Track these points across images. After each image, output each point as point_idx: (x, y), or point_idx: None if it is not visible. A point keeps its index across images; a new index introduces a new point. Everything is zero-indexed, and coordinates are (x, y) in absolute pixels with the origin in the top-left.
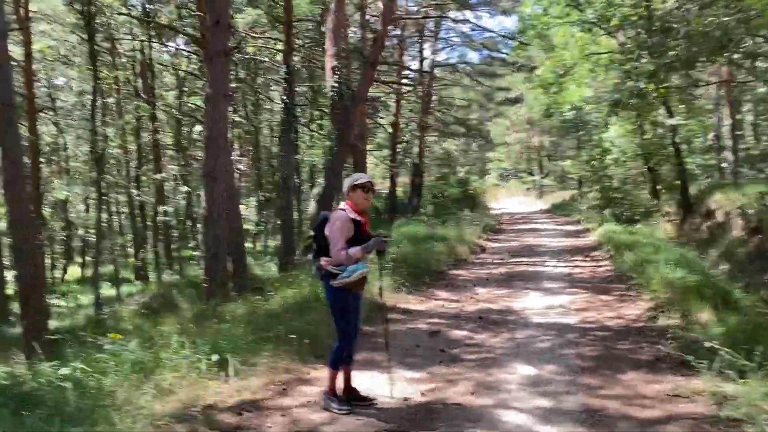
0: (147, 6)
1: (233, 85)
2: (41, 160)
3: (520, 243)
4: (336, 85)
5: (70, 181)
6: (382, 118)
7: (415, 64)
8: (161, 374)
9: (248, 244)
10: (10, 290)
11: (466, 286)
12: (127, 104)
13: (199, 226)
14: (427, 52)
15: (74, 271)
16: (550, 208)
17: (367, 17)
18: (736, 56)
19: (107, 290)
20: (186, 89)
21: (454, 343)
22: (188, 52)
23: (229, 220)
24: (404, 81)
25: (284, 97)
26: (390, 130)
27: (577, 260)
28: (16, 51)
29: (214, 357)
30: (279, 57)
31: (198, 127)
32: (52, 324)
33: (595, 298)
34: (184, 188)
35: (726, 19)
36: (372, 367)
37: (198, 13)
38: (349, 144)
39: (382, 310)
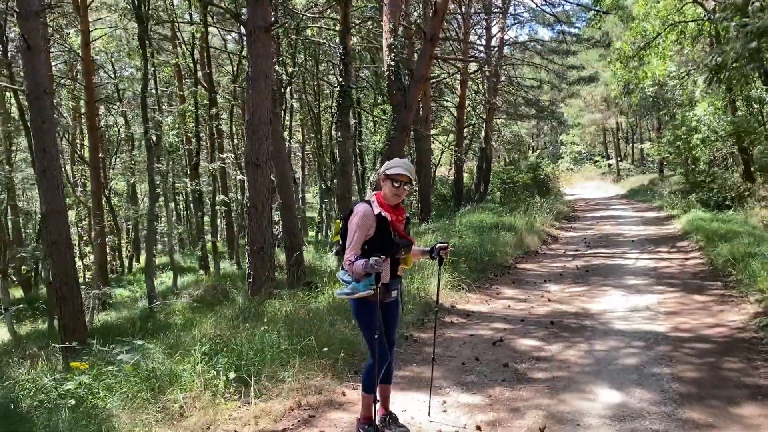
0: None
1: (293, 69)
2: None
3: (596, 232)
4: (392, 63)
5: (131, 170)
6: (447, 101)
7: (481, 43)
8: (173, 393)
9: (312, 234)
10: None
11: (535, 282)
12: (184, 92)
13: None
14: (494, 30)
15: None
16: (627, 193)
17: None
18: None
19: (170, 279)
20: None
21: (520, 355)
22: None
23: (283, 209)
24: (470, 60)
25: (340, 79)
26: (455, 113)
27: (661, 252)
28: (75, 40)
29: (231, 375)
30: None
31: None
32: (107, 317)
33: (688, 299)
34: (240, 177)
35: None
36: (419, 386)
37: None
38: (408, 127)
39: (434, 314)
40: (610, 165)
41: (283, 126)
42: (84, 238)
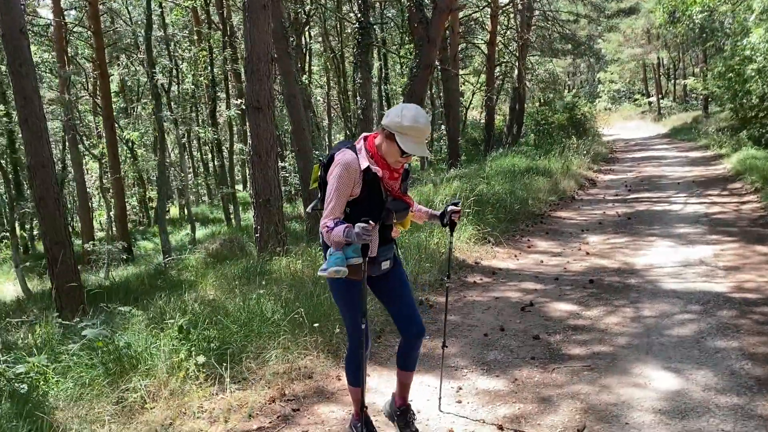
0: None
1: (310, 7)
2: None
3: (638, 174)
4: None
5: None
6: (477, 38)
7: None
8: (134, 379)
9: None
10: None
11: (572, 232)
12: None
13: (282, 164)
14: None
15: (174, 211)
16: (669, 132)
17: None
18: None
19: (198, 231)
20: None
21: (553, 324)
22: None
23: (299, 157)
24: None
25: (359, 15)
26: (486, 51)
27: (712, 195)
28: None
29: (200, 359)
30: None
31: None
32: (125, 272)
33: (750, 251)
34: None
35: None
36: (432, 366)
37: None
38: (432, 64)
39: (448, 283)
40: (650, 103)
41: (302, 69)
42: (110, 192)
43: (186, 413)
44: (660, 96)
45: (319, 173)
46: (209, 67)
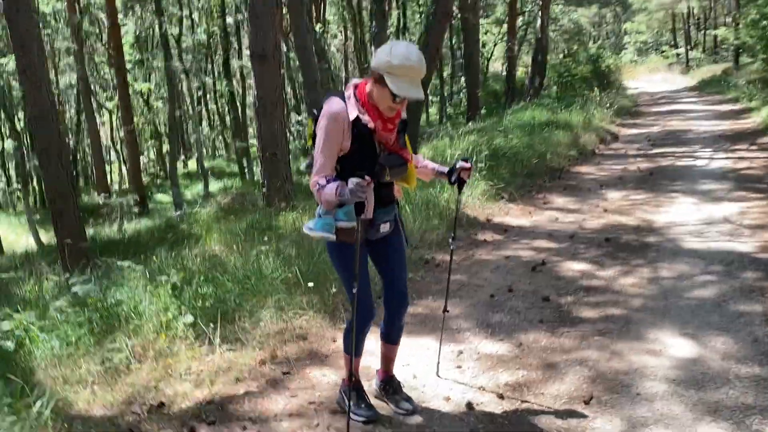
0: None
1: None
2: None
3: (662, 128)
4: None
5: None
6: None
7: None
8: (126, 337)
9: None
10: None
11: (590, 188)
12: None
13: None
14: None
15: (192, 164)
16: (697, 84)
17: None
18: None
19: (212, 185)
20: None
21: (565, 285)
22: None
23: (311, 109)
24: None
25: None
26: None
27: (740, 150)
28: None
29: (188, 319)
30: None
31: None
32: (138, 225)
33: None
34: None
35: None
36: (433, 328)
37: None
38: (449, 13)
39: (452, 239)
40: (678, 55)
41: (316, 18)
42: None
43: (172, 375)
44: (689, 47)
45: (313, 128)
46: (222, 17)
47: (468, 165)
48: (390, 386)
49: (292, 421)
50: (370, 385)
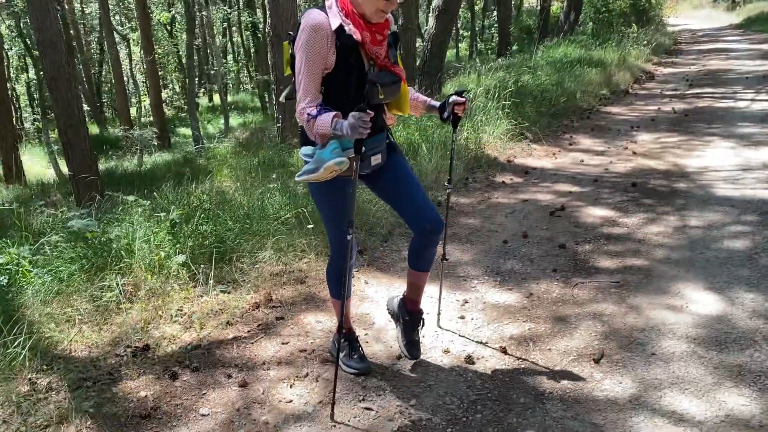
0: None
1: None
2: None
3: (701, 67)
4: None
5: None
6: None
7: None
8: (118, 274)
9: None
10: None
11: (620, 129)
12: None
13: None
14: None
15: (217, 98)
16: (742, 22)
17: None
18: None
19: (234, 120)
20: None
21: (584, 231)
22: None
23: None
24: None
25: None
26: None
27: None
28: None
29: (180, 258)
30: None
31: None
32: (158, 159)
33: None
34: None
35: None
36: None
37: None
38: None
39: (448, 183)
40: None
41: None
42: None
43: (162, 316)
44: None
45: (290, 51)
46: None
47: (462, 99)
48: (413, 321)
49: (281, 369)
50: (368, 334)
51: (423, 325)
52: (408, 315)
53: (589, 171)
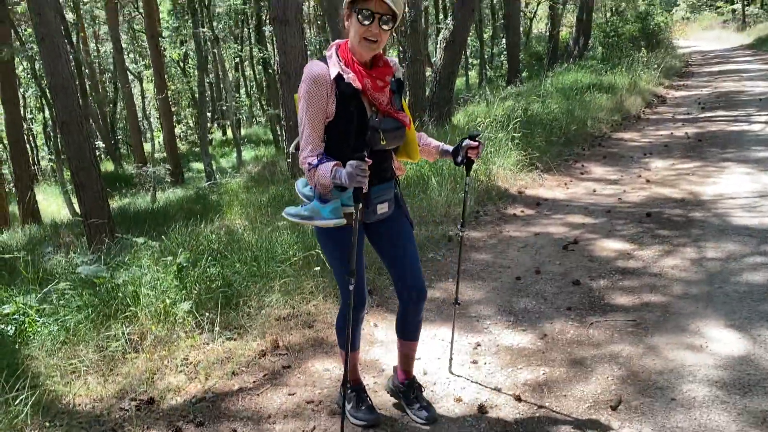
0: None
1: None
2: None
3: (714, 90)
4: None
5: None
6: None
7: None
8: (125, 322)
9: None
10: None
11: (632, 156)
12: None
13: None
14: None
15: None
16: (754, 42)
17: None
18: None
19: (248, 153)
20: None
21: (599, 266)
22: None
23: None
24: None
25: None
26: None
27: None
28: None
29: (185, 306)
30: None
31: None
32: (172, 195)
33: None
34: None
35: None
36: (450, 316)
37: None
38: None
39: (461, 227)
40: (734, 11)
41: None
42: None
43: (168, 366)
44: (745, 2)
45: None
46: None
47: (476, 143)
48: (410, 391)
49: (287, 422)
50: (377, 381)
51: (420, 389)
52: (402, 386)
53: (602, 201)
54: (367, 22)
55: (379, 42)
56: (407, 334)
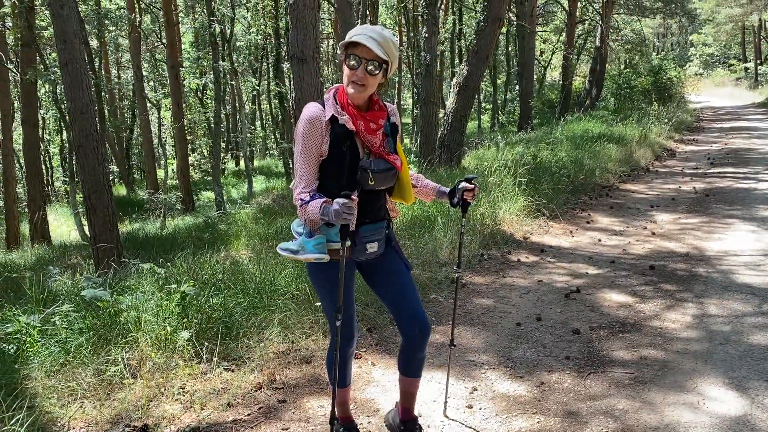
0: None
1: None
2: None
3: (723, 146)
4: None
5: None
6: None
7: None
8: (124, 348)
9: (407, 142)
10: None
11: (639, 208)
12: None
13: None
14: None
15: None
16: (765, 101)
17: None
18: None
19: (259, 184)
20: None
21: (599, 317)
22: None
23: None
24: None
25: None
26: (567, 7)
27: None
28: None
29: (185, 334)
30: None
31: None
32: (181, 222)
33: None
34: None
35: None
36: (459, 361)
37: None
38: (501, 18)
39: (457, 267)
40: (746, 69)
41: (370, 20)
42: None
43: (164, 393)
44: (759, 61)
45: None
46: (275, 18)
47: (471, 186)
48: (408, 430)
49: None
50: (371, 421)
51: (421, 430)
52: (402, 425)
53: (607, 252)
54: (353, 63)
55: (366, 86)
56: (410, 371)
